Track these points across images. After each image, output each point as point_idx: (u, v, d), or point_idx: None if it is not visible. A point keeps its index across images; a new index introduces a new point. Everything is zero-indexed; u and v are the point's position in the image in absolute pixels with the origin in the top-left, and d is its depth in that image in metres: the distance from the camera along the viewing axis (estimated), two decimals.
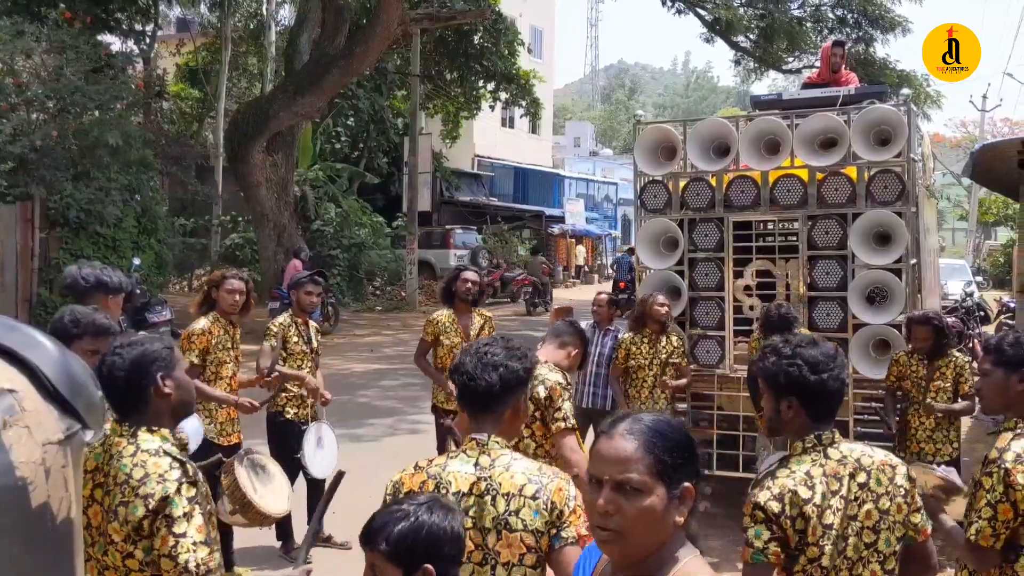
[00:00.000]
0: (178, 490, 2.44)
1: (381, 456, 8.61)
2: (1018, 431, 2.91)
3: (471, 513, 2.39)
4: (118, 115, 14.94)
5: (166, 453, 2.53)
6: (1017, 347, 3.01)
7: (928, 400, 5.86)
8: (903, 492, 2.53)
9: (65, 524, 1.36)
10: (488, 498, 2.40)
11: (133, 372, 2.61)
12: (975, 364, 4.89)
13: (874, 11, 22.85)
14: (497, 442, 2.52)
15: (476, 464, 2.46)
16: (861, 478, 2.50)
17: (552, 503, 2.40)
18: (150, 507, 2.42)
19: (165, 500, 2.42)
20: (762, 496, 2.48)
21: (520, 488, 2.41)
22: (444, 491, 2.40)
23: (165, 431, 2.61)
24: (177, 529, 2.41)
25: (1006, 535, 2.82)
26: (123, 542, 2.46)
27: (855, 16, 23.20)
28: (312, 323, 6.35)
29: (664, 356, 6.60)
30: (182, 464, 2.52)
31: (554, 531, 2.40)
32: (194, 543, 2.42)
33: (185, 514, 2.43)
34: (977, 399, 3.25)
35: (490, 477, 2.43)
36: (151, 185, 16.28)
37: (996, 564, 2.87)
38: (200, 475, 2.56)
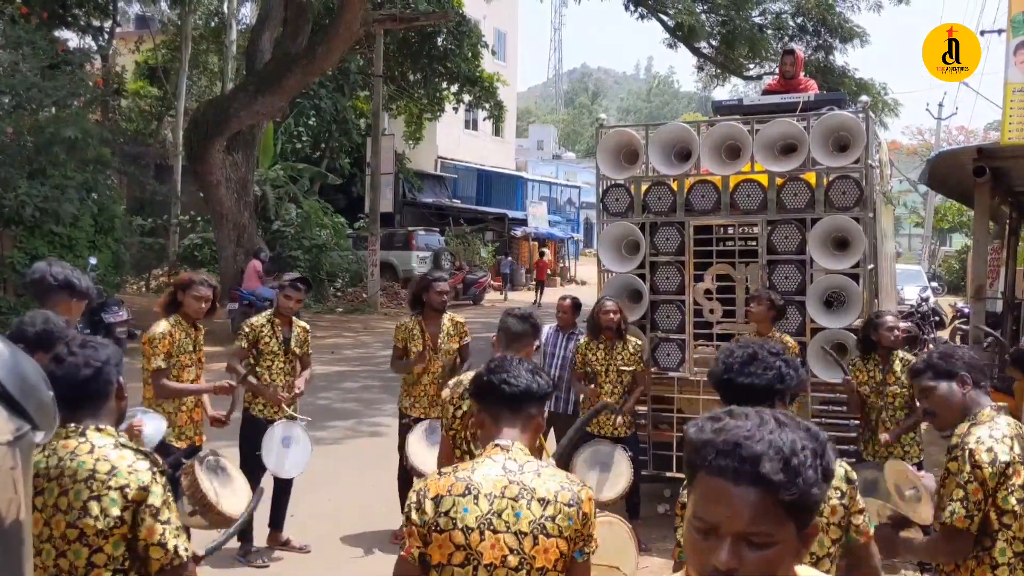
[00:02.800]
0: (153, 479, 2.48)
1: (342, 459, 8.55)
2: (974, 421, 3.02)
3: (504, 516, 2.35)
4: (75, 112, 14.70)
5: (124, 446, 2.54)
6: (946, 358, 3.14)
7: (881, 435, 5.89)
8: (840, 494, 2.53)
9: (15, 526, 1.33)
10: (523, 502, 2.36)
11: (103, 371, 2.61)
12: None
13: (833, 20, 23.19)
14: (521, 449, 2.49)
15: (504, 468, 2.42)
16: None
17: (584, 514, 2.39)
18: (129, 498, 2.44)
19: (144, 490, 2.45)
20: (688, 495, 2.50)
21: (555, 494, 2.38)
22: (475, 493, 2.37)
23: (112, 430, 2.60)
24: (162, 517, 2.46)
25: (979, 517, 2.91)
26: (95, 537, 2.44)
27: (815, 24, 23.53)
28: (300, 324, 6.27)
29: (618, 362, 6.56)
30: (147, 455, 2.55)
31: (580, 543, 2.39)
32: (177, 528, 2.49)
33: (164, 502, 2.48)
34: (929, 422, 3.32)
35: (521, 481, 2.39)
36: (108, 183, 16.05)
37: (969, 553, 2.95)
38: (163, 466, 2.59)
